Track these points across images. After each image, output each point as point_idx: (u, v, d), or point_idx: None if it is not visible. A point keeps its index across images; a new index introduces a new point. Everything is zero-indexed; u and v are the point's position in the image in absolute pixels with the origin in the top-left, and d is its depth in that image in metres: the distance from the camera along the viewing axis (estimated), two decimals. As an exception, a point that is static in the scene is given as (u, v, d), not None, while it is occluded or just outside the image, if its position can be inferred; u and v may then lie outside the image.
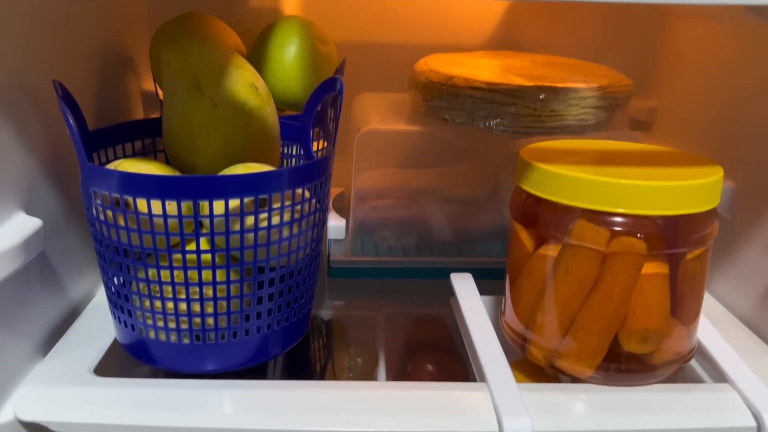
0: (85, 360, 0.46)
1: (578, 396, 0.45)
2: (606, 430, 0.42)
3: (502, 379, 0.45)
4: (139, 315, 0.44)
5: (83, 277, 0.55)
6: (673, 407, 0.44)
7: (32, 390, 0.43)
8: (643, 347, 0.45)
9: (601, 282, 0.44)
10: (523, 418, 0.41)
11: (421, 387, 0.46)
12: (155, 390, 0.43)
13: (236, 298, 0.43)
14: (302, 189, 0.44)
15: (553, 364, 0.47)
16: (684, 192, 0.42)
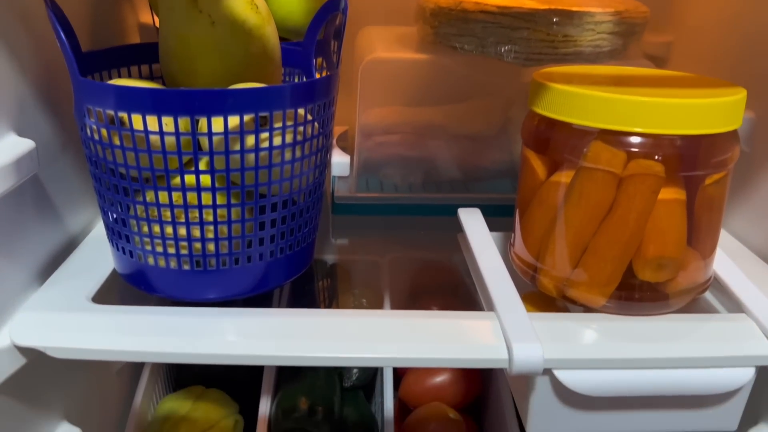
0: (83, 288, 0.45)
1: (590, 324, 0.44)
2: (619, 358, 0.41)
3: (511, 307, 0.44)
4: (137, 241, 0.43)
5: (81, 210, 0.53)
6: (688, 335, 0.43)
7: (29, 316, 0.42)
8: (657, 276, 0.44)
9: (616, 207, 0.42)
10: (533, 344, 0.40)
11: (428, 315, 0.44)
12: (155, 317, 0.42)
13: (237, 223, 0.42)
14: (304, 109, 0.42)
15: (565, 293, 0.45)
16: (705, 110, 0.40)
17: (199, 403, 0.62)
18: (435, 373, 0.67)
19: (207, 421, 0.61)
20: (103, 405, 0.60)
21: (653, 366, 0.41)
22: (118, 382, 0.63)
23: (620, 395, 0.42)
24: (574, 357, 0.41)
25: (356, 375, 0.67)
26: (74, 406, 0.52)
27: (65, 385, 0.51)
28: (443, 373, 0.67)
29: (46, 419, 0.48)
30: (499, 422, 0.63)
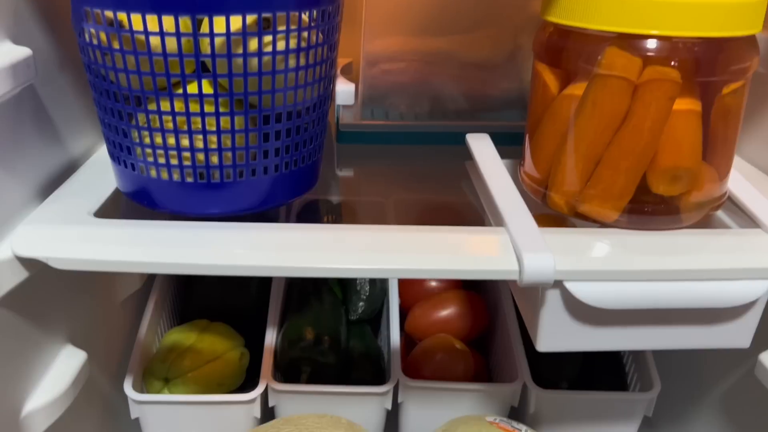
0: (85, 205, 0.44)
1: (602, 238, 0.43)
2: (632, 270, 0.40)
3: (521, 221, 0.43)
4: (139, 152, 0.42)
5: (82, 135, 0.52)
6: (702, 248, 0.42)
7: (31, 228, 0.42)
8: (672, 188, 0.43)
9: (631, 115, 0.41)
10: (544, 254, 0.39)
11: (437, 230, 0.43)
12: (159, 229, 0.42)
13: (240, 133, 0.41)
14: (308, 14, 0.40)
15: (576, 209, 0.45)
16: (724, 10, 0.39)
17: (205, 335, 0.62)
18: (441, 306, 0.67)
19: (212, 352, 0.61)
20: (107, 335, 0.60)
21: (666, 278, 0.41)
22: (122, 314, 0.63)
23: (631, 308, 0.41)
24: (586, 268, 0.40)
25: (362, 308, 0.67)
26: (79, 333, 0.52)
27: (69, 309, 0.51)
28: (449, 307, 0.67)
29: (50, 341, 0.48)
30: (506, 355, 0.63)
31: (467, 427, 0.55)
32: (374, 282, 0.68)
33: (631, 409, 0.58)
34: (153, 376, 0.59)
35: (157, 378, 0.59)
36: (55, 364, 0.48)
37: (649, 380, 0.59)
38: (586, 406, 0.58)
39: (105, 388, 0.59)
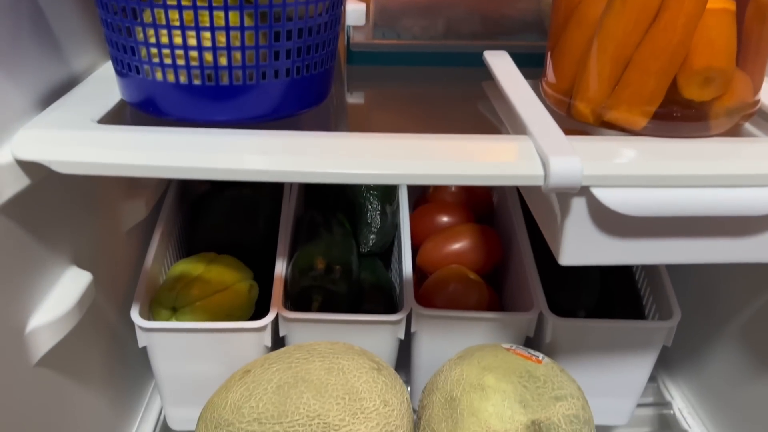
0: (89, 112, 0.42)
1: (630, 145, 0.41)
2: (662, 175, 0.38)
3: (546, 128, 0.41)
4: (144, 53, 0.40)
5: (84, 49, 0.50)
6: (733, 155, 0.40)
7: (32, 132, 0.40)
8: (703, 92, 0.41)
9: (663, 12, 0.39)
10: (571, 157, 0.37)
11: (456, 137, 0.41)
12: (164, 135, 0.40)
13: (250, 30, 0.39)
14: None
15: (603, 118, 0.43)
16: None
17: (213, 266, 0.60)
18: (454, 239, 0.65)
19: (221, 282, 0.59)
20: (113, 263, 0.58)
21: (696, 184, 0.39)
22: (128, 245, 0.61)
23: (660, 215, 0.39)
24: (614, 173, 0.38)
25: (373, 241, 0.65)
26: (84, 256, 0.50)
27: (74, 231, 0.49)
28: (462, 240, 0.65)
29: (55, 259, 0.47)
30: (521, 288, 0.62)
31: (483, 353, 0.53)
32: (385, 215, 0.66)
33: (650, 338, 0.57)
34: (160, 305, 0.58)
35: (165, 307, 0.57)
36: (60, 283, 0.47)
37: (668, 309, 0.58)
38: (604, 335, 0.57)
39: (112, 317, 0.57)
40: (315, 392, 0.48)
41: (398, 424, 0.50)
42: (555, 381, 0.51)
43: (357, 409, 0.48)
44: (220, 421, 0.49)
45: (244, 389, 0.50)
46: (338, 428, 0.47)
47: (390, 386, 0.51)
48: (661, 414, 0.68)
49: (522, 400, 0.49)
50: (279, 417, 0.47)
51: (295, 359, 0.51)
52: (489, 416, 0.48)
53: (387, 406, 0.50)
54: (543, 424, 0.48)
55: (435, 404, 0.52)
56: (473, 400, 0.50)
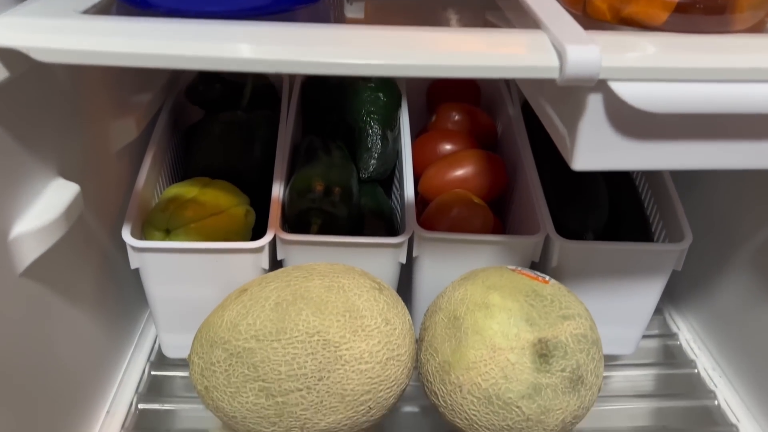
0: (72, 4, 0.39)
1: (651, 38, 0.38)
2: (685, 67, 0.36)
3: (561, 20, 0.38)
4: (128, -66, 0.37)
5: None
6: (759, 49, 0.38)
7: (9, 20, 0.37)
8: (730, -17, 0.38)
9: None
10: (588, 46, 0.35)
11: (465, 29, 0.39)
12: (152, 24, 0.37)
13: None
14: None
15: (621, 13, 0.40)
16: None
17: (207, 190, 0.58)
18: (457, 165, 0.63)
19: (216, 206, 0.57)
20: (103, 183, 0.56)
21: (721, 78, 0.36)
22: (118, 165, 0.59)
23: (682, 112, 0.37)
24: (634, 65, 0.36)
25: (373, 166, 0.63)
26: (72, 171, 0.48)
27: (60, 140, 0.47)
28: (466, 166, 0.63)
29: (39, 166, 0.44)
30: (526, 213, 0.60)
31: (487, 274, 0.52)
32: (386, 140, 0.64)
33: (660, 262, 0.55)
34: (153, 227, 0.55)
35: (158, 229, 0.55)
36: (46, 193, 0.45)
37: (679, 232, 0.56)
38: (612, 259, 0.55)
39: (103, 239, 0.55)
40: (314, 309, 0.47)
41: (400, 344, 0.48)
42: (562, 300, 0.49)
43: (358, 327, 0.47)
44: (216, 340, 0.47)
45: (241, 307, 0.48)
46: (338, 345, 0.46)
47: (392, 306, 0.50)
48: (666, 345, 0.67)
49: (528, 318, 0.47)
50: (277, 334, 0.46)
51: (293, 278, 0.49)
52: (494, 334, 0.47)
53: (389, 324, 0.48)
54: (550, 343, 0.47)
55: (438, 324, 0.50)
56: (477, 319, 0.48)
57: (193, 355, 0.49)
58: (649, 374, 0.64)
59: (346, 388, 0.46)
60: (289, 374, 0.45)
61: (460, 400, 0.47)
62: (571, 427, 0.49)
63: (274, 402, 0.46)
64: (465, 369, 0.47)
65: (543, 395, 0.46)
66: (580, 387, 0.47)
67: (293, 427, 0.46)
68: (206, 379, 0.48)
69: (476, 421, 0.47)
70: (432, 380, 0.49)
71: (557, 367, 0.46)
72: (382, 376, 0.47)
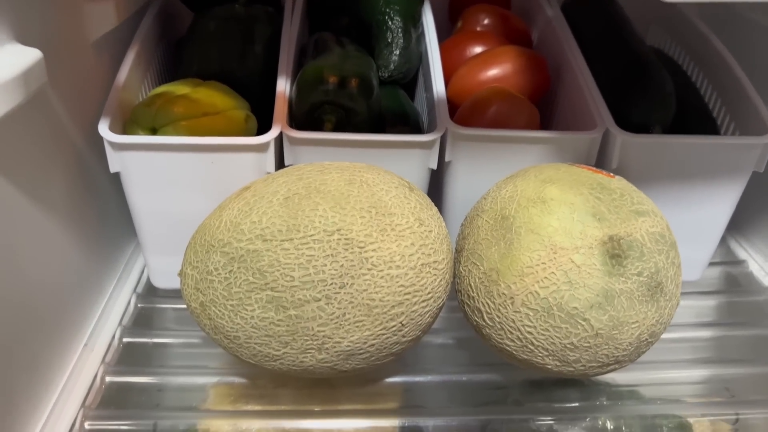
0: None
1: None
2: None
3: None
4: None
5: None
6: None
7: None
8: None
9: None
10: None
11: None
12: None
13: None
14: None
15: None
16: None
17: (201, 89, 0.49)
18: (493, 62, 0.54)
19: (212, 105, 0.48)
20: (79, 77, 0.47)
21: None
22: (96, 62, 0.50)
23: None
24: None
25: (395, 63, 0.54)
26: (31, 41, 0.39)
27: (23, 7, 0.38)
28: (503, 63, 0.54)
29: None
30: (578, 109, 0.51)
31: (540, 169, 0.43)
32: (408, 35, 0.55)
33: (740, 159, 0.47)
34: (136, 124, 0.47)
35: (142, 126, 0.46)
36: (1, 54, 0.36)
37: (759, 125, 0.47)
38: (685, 156, 0.47)
39: (77, 140, 0.46)
40: (333, 204, 0.38)
41: (437, 249, 0.40)
42: (634, 195, 0.41)
43: (386, 225, 0.38)
44: (213, 243, 0.39)
45: (243, 204, 0.39)
46: (364, 245, 0.37)
47: (425, 207, 0.41)
48: (733, 273, 0.58)
49: (596, 212, 0.39)
50: (288, 232, 0.37)
51: (306, 171, 0.41)
52: (553, 232, 0.38)
53: (423, 225, 0.40)
54: (623, 241, 0.38)
55: (481, 228, 0.41)
56: (533, 216, 0.39)
57: (185, 266, 0.40)
58: (715, 303, 0.55)
59: (373, 297, 0.37)
60: (303, 281, 0.36)
61: (512, 315, 0.39)
62: (646, 347, 0.40)
63: (285, 316, 0.37)
64: (518, 276, 0.38)
65: (616, 304, 0.37)
66: (660, 296, 0.39)
67: (309, 347, 0.38)
68: (202, 294, 0.39)
69: (532, 341, 0.39)
70: (475, 295, 0.41)
71: (633, 270, 0.38)
72: (417, 286, 0.38)
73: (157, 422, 0.43)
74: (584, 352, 0.38)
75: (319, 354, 0.38)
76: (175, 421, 0.43)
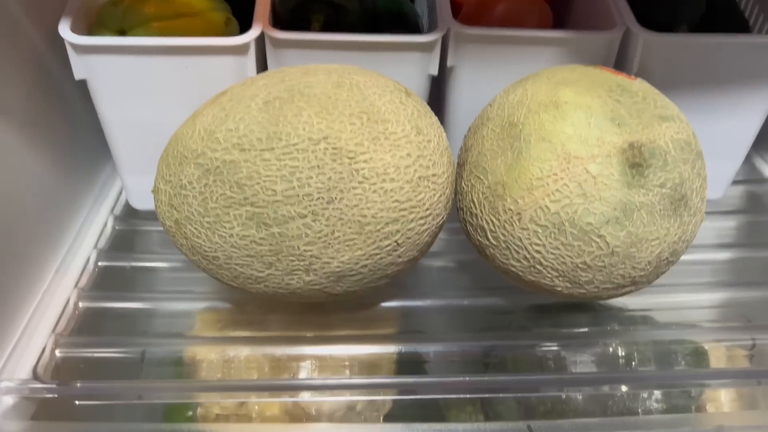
0: None
1: None
2: None
3: None
4: None
5: None
6: None
7: None
8: None
9: None
10: None
11: None
12: None
13: None
14: None
15: None
16: None
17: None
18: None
19: (187, 5, 0.43)
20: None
21: None
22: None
23: None
24: None
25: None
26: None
27: None
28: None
29: None
30: (594, 13, 0.46)
31: (553, 71, 0.38)
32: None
33: (775, 62, 0.42)
34: (103, 26, 0.42)
35: (110, 28, 0.42)
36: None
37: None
38: (713, 58, 0.42)
39: (38, 44, 0.42)
40: (319, 109, 0.34)
41: (436, 161, 0.36)
42: (657, 99, 0.36)
43: (379, 133, 0.34)
44: (186, 154, 0.35)
45: (219, 110, 0.35)
46: (354, 156, 0.33)
47: (423, 115, 0.37)
48: (757, 192, 0.54)
49: (615, 116, 0.34)
50: (269, 141, 0.33)
51: (289, 74, 0.36)
52: (567, 139, 0.34)
53: (420, 134, 0.35)
54: (645, 148, 0.34)
55: (486, 138, 0.37)
56: (544, 122, 0.35)
57: (158, 181, 0.36)
58: (737, 223, 0.51)
59: (365, 214, 0.33)
60: (287, 195, 0.33)
61: (519, 232, 0.35)
62: (666, 267, 0.37)
63: (268, 234, 0.33)
64: (526, 189, 0.34)
65: (635, 219, 0.34)
66: (683, 210, 0.35)
67: (296, 268, 0.34)
68: (176, 211, 0.35)
69: (540, 260, 0.35)
70: (478, 212, 0.37)
71: (655, 180, 0.34)
72: (414, 201, 0.35)
73: (145, 349, 0.40)
74: (598, 272, 0.35)
75: (307, 276, 0.35)
76: (157, 348, 0.41)
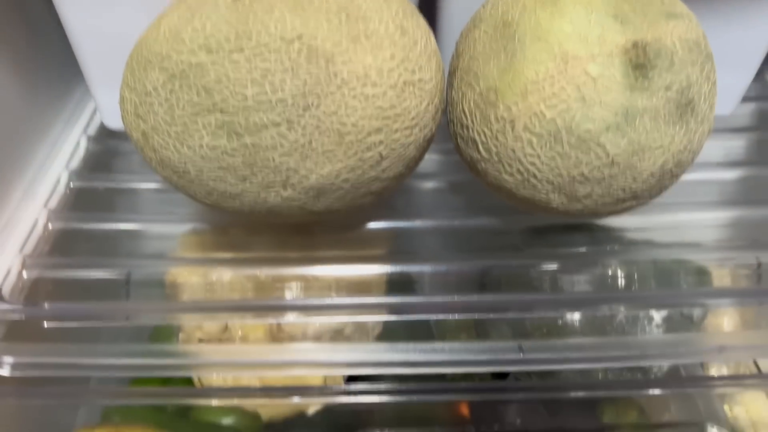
0: None
1: None
2: None
3: None
4: None
5: None
6: None
7: None
8: None
9: None
10: None
11: None
12: None
13: None
14: None
15: None
16: None
17: None
18: None
19: None
20: None
21: None
22: None
23: None
24: None
25: None
26: None
27: None
28: None
29: None
30: None
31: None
32: None
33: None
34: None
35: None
36: None
37: None
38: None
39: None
40: (293, 5, 0.31)
41: (423, 66, 0.33)
42: (665, -5, 0.33)
43: (360, 32, 0.31)
44: (150, 58, 0.32)
45: (185, 9, 0.32)
46: (331, 57, 0.30)
47: (410, 14, 0.34)
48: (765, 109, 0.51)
49: (618, 13, 0.31)
50: (238, 40, 0.30)
51: (261, -28, 0.33)
52: (565, 38, 0.31)
53: (406, 35, 0.32)
54: (650, 47, 0.31)
55: (478, 41, 0.34)
56: (540, 20, 0.32)
57: (123, 89, 0.34)
58: (746, 142, 0.49)
59: (345, 122, 0.31)
60: (258, 100, 0.30)
61: (512, 142, 0.33)
62: (670, 180, 0.34)
63: (240, 144, 0.31)
64: (520, 94, 0.32)
65: (637, 126, 0.31)
66: (690, 117, 0.32)
67: (272, 183, 0.32)
68: (142, 121, 0.33)
69: (534, 173, 0.33)
70: (469, 123, 0.34)
71: (660, 82, 0.31)
72: (398, 108, 0.32)
73: (130, 271, 0.39)
74: (596, 184, 0.33)
75: (284, 191, 0.33)
76: (137, 270, 0.39)
